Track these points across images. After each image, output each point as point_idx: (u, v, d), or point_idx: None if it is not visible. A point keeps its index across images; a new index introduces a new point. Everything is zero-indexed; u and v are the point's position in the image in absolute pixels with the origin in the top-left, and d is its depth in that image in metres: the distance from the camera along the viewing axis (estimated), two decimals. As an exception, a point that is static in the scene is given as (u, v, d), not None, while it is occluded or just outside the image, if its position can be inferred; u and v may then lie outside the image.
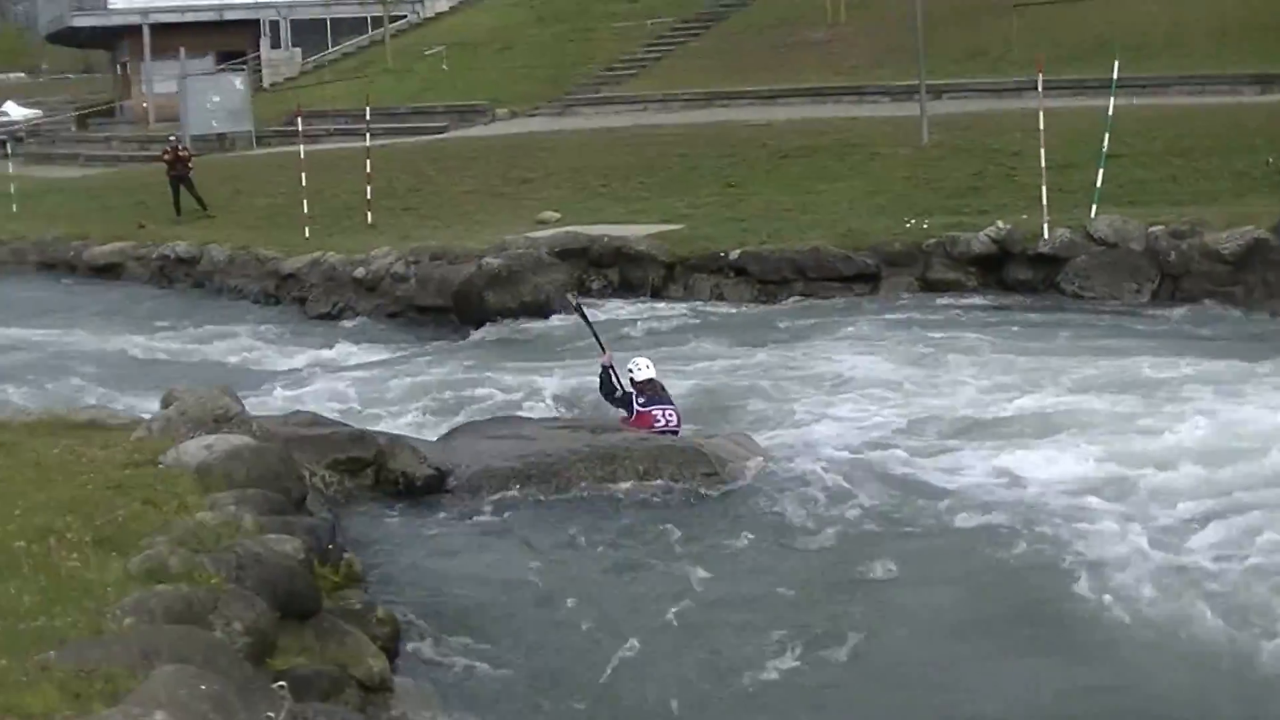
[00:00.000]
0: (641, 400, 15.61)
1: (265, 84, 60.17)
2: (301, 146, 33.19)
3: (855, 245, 24.07)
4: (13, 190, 43.98)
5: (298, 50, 63.34)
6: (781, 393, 17.25)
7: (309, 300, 27.38)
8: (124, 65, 69.84)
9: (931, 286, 23.35)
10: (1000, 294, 22.77)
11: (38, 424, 12.57)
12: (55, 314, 29.12)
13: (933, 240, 23.66)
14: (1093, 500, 12.36)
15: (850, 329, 20.85)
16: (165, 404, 13.11)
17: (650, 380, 15.72)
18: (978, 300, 22.63)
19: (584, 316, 17.54)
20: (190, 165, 37.46)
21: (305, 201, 31.37)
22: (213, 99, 50.28)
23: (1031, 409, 15.60)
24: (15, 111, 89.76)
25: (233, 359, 23.34)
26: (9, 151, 53.82)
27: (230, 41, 63.01)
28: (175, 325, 26.90)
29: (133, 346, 25.00)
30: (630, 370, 15.84)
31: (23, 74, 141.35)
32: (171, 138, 41.04)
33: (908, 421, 15.47)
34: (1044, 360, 17.96)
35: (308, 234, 30.52)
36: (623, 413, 15.76)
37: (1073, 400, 15.80)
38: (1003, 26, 38.40)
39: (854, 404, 16.48)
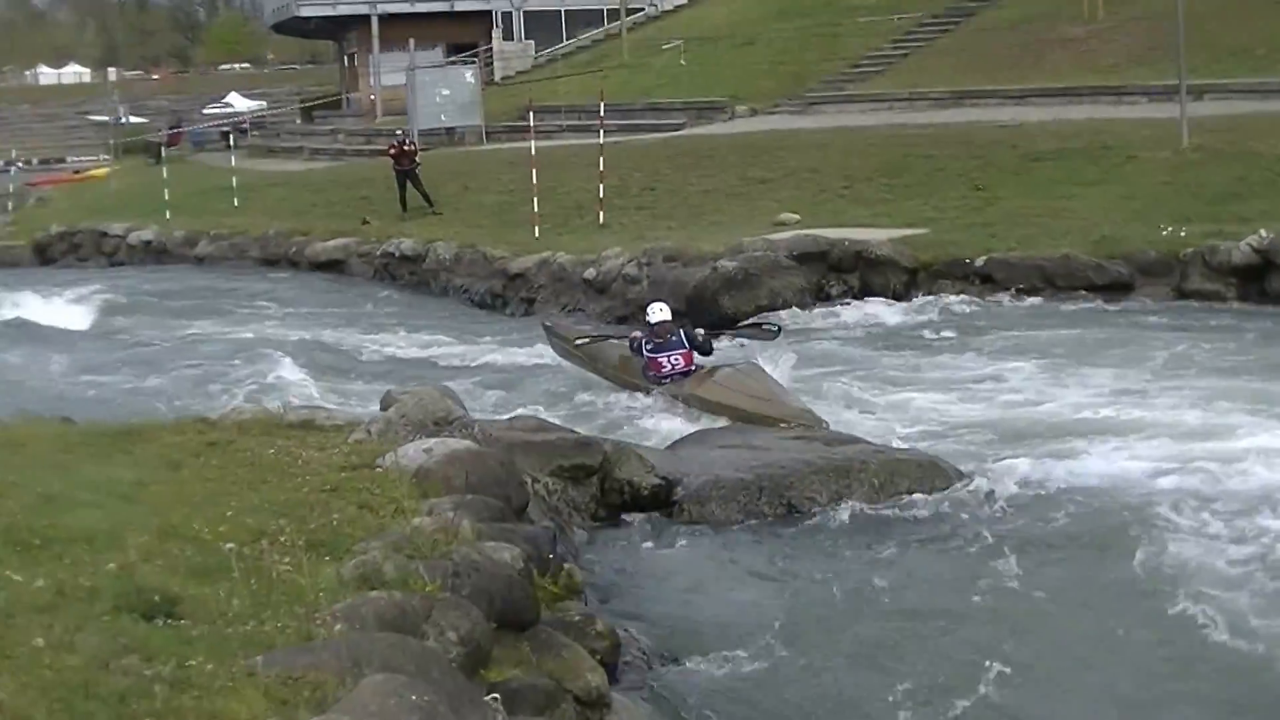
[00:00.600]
0: (650, 346, 17.95)
1: (496, 77, 60.84)
2: (533, 142, 33.47)
3: (1108, 253, 23.62)
4: (234, 184, 45.06)
5: (530, 43, 63.94)
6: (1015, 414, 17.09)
7: (537, 301, 27.59)
8: (351, 56, 71.12)
9: (1187, 297, 22.80)
10: (1260, 305, 22.19)
11: (252, 423, 12.78)
12: (275, 311, 29.78)
13: (1190, 249, 23.12)
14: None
15: (1080, 338, 20.61)
16: (384, 406, 13.28)
17: (664, 323, 17.86)
18: (1234, 309, 22.13)
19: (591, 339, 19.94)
20: (417, 160, 38.02)
21: (535, 199, 31.63)
22: (442, 92, 50.84)
23: (1225, 424, 15.30)
24: (239, 103, 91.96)
25: (455, 360, 23.56)
26: (232, 144, 55.15)
27: (461, 33, 63.77)
28: (397, 324, 27.30)
29: (353, 346, 25.42)
30: (648, 314, 18.18)
31: (247, 65, 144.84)
32: (398, 132, 41.78)
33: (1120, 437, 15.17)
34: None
35: (537, 233, 30.79)
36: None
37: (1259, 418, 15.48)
38: (1270, 23, 37.39)
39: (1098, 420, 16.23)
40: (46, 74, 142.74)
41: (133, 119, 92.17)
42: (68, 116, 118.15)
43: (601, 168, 31.52)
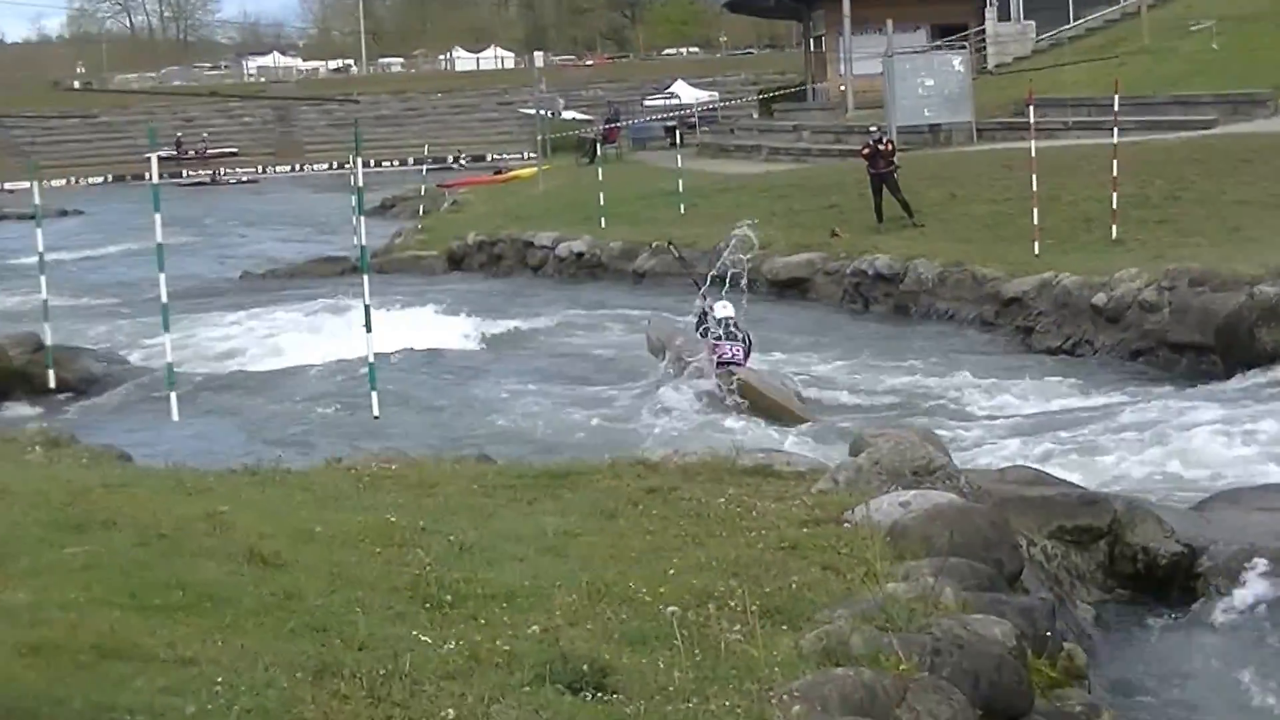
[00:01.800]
0: (716, 335, 23.28)
1: (990, 65, 60.51)
2: (1033, 142, 33.07)
3: None
4: (680, 187, 45.64)
5: (1031, 24, 63.30)
6: None
7: (1035, 330, 27.36)
8: (818, 39, 71.48)
9: None
10: None
11: (699, 467, 12.92)
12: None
13: None
14: None
15: None
16: (854, 450, 13.27)
17: (730, 318, 23.48)
18: None
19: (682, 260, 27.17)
20: (895, 162, 37.91)
21: (1035, 210, 31.30)
22: (925, 82, 50.62)
23: None
24: (686, 93, 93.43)
25: (936, 398, 23.54)
26: (678, 141, 55.85)
27: (948, 12, 63.61)
28: (868, 353, 27.39)
29: (816, 377, 25.55)
30: (714, 309, 23.83)
31: (695, 49, 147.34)
32: (873, 129, 41.66)
33: None
34: None
35: (1036, 250, 30.48)
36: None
37: None
38: None
39: None
40: (464, 58, 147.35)
41: (571, 114, 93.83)
42: (486, 107, 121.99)
43: (1115, 172, 30.98)
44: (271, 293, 41.71)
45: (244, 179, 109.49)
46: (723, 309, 23.76)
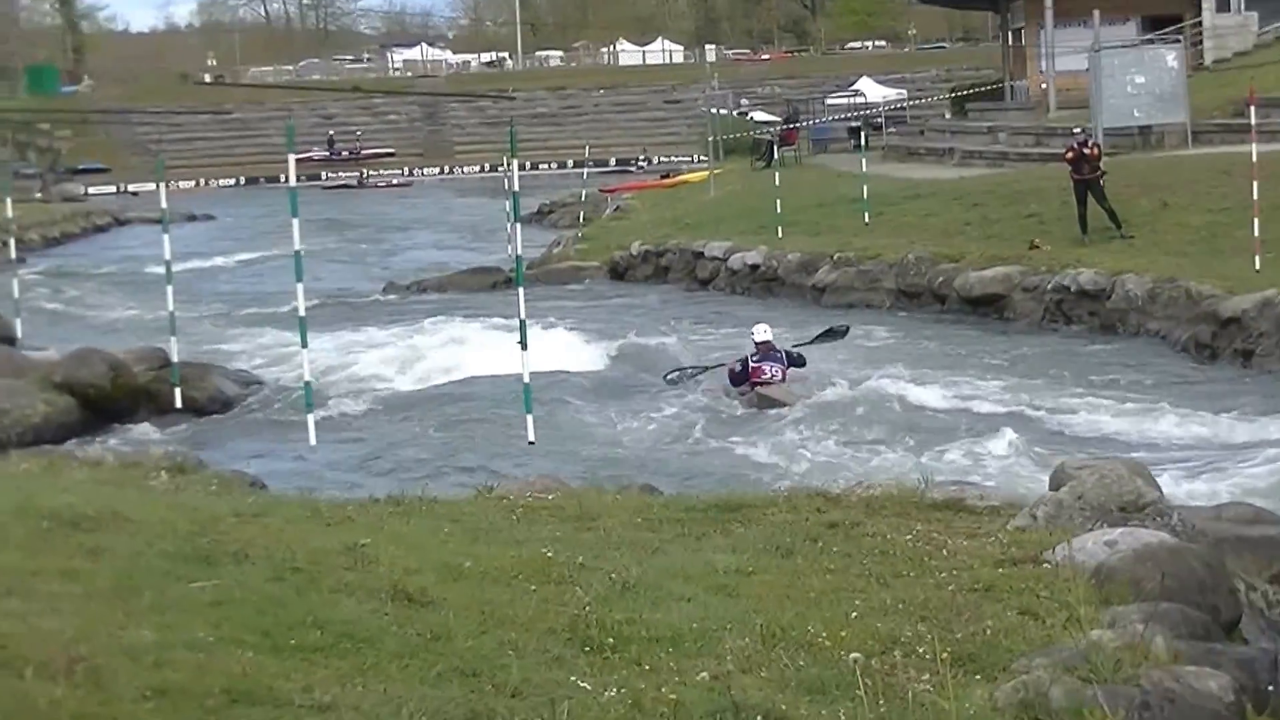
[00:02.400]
0: (755, 357, 26.43)
1: (1207, 61, 59.85)
2: (1254, 145, 32.78)
3: None
4: (865, 194, 45.32)
5: (1252, 15, 62.45)
6: None
7: (1256, 353, 27.03)
8: (1016, 32, 70.98)
9: None
10: None
11: (884, 500, 12.89)
12: (907, 354, 29.92)
13: None
14: None
15: None
16: (1055, 484, 13.20)
17: (767, 342, 26.63)
18: None
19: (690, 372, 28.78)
20: (1101, 168, 37.57)
21: (1256, 221, 30.96)
22: (1135, 80, 50.05)
23: None
24: (872, 91, 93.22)
25: (1146, 426, 23.29)
26: (862, 143, 55.56)
27: (1161, 2, 62.88)
28: (1067, 376, 27.23)
29: (1009, 401, 25.35)
30: (752, 333, 27.03)
31: (882, 43, 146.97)
32: (1077, 130, 41.32)
33: None
34: None
35: (1257, 265, 30.15)
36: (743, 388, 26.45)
37: None
38: None
39: None
40: (628, 51, 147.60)
41: (755, 114, 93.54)
42: (653, 105, 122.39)
43: (1347, 180, 30.71)
44: (417, 305, 42.00)
45: (394, 182, 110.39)
46: (762, 333, 26.99)
